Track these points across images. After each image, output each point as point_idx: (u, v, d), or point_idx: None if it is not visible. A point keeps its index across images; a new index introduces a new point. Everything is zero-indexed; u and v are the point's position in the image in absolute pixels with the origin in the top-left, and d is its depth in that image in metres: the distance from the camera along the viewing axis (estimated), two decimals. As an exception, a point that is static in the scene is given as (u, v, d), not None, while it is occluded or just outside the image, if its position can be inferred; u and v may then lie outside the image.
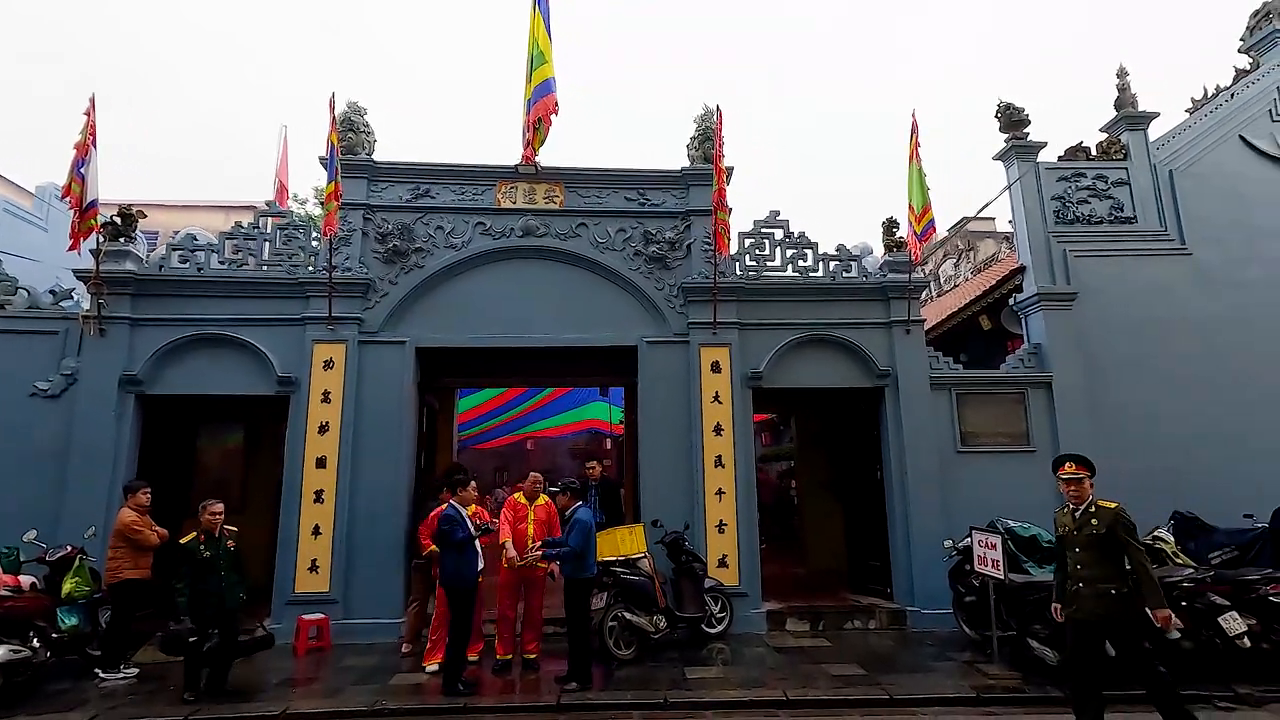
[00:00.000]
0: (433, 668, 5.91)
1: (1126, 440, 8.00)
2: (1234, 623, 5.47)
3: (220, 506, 5.72)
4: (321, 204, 7.36)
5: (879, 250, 8.68)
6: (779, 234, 8.50)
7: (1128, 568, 4.41)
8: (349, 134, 8.13)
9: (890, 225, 8.48)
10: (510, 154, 8.17)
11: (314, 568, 7.23)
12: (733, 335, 8.04)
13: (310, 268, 7.88)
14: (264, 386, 7.61)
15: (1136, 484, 7.70)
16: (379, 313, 7.92)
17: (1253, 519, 6.97)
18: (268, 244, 8.01)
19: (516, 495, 6.45)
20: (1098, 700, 4.42)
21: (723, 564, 7.52)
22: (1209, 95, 9.45)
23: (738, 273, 8.26)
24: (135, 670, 6.01)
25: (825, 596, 8.24)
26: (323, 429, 7.52)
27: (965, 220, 16.89)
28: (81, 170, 7.08)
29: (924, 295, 15.86)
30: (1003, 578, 5.84)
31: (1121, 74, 9.18)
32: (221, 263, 7.89)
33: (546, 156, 8.20)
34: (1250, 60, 9.65)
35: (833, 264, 8.43)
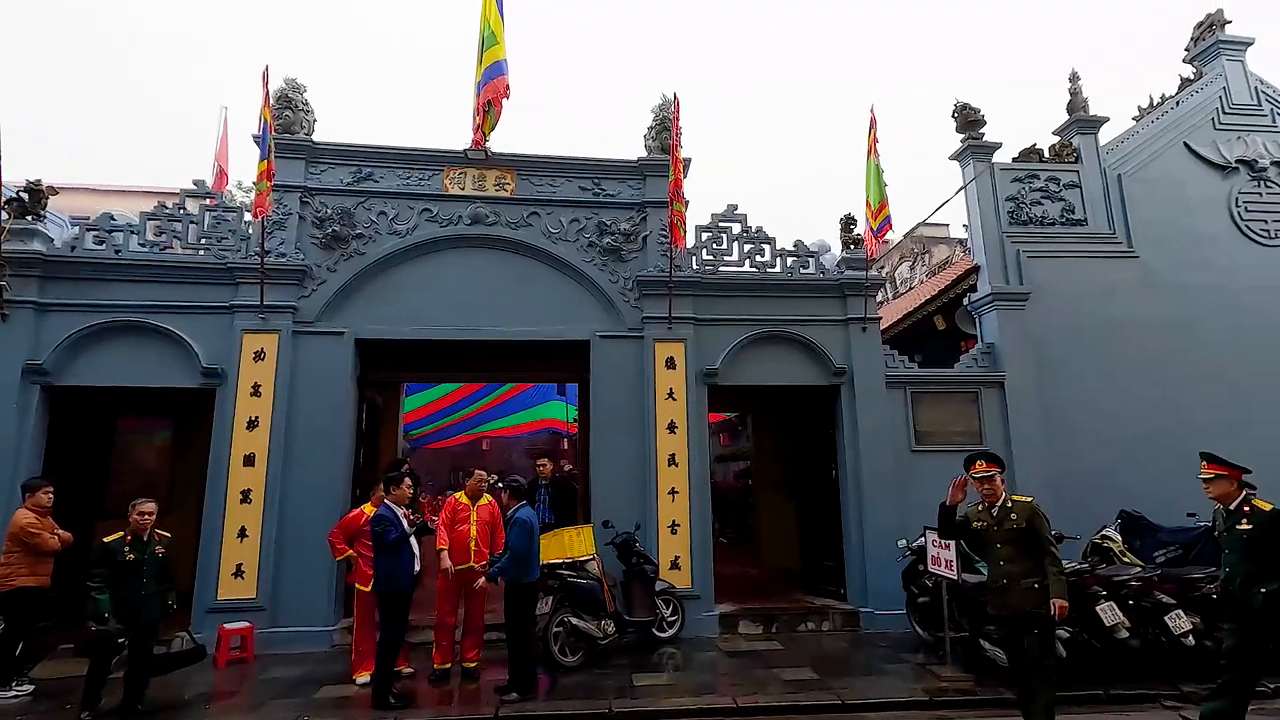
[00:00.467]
0: (363, 679, 5.52)
1: (1076, 439, 8.07)
2: (1180, 621, 5.48)
3: (152, 506, 5.25)
4: (254, 184, 6.85)
5: (838, 248, 8.59)
6: (736, 228, 8.33)
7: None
8: (286, 112, 7.66)
9: (848, 222, 8.40)
10: (466, 141, 7.76)
11: (239, 573, 6.74)
12: (688, 330, 7.83)
13: (241, 253, 7.39)
14: (187, 378, 7.09)
15: (1085, 482, 7.81)
16: (316, 302, 7.46)
17: (1195, 518, 7.06)
18: (194, 226, 7.47)
19: (458, 495, 6.10)
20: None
21: (675, 566, 7.29)
22: (1155, 103, 9.65)
23: (694, 267, 8.06)
24: (30, 688, 5.48)
25: (779, 598, 8.09)
26: (252, 424, 7.04)
27: (920, 224, 17.08)
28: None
29: (881, 297, 16.07)
30: (955, 578, 5.75)
31: (1074, 79, 9.29)
32: (142, 245, 7.33)
33: (499, 142, 7.89)
34: (1194, 70, 9.88)
35: (790, 260, 8.29)
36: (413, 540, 5.36)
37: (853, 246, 8.27)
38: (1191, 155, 9.22)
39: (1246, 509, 4.38)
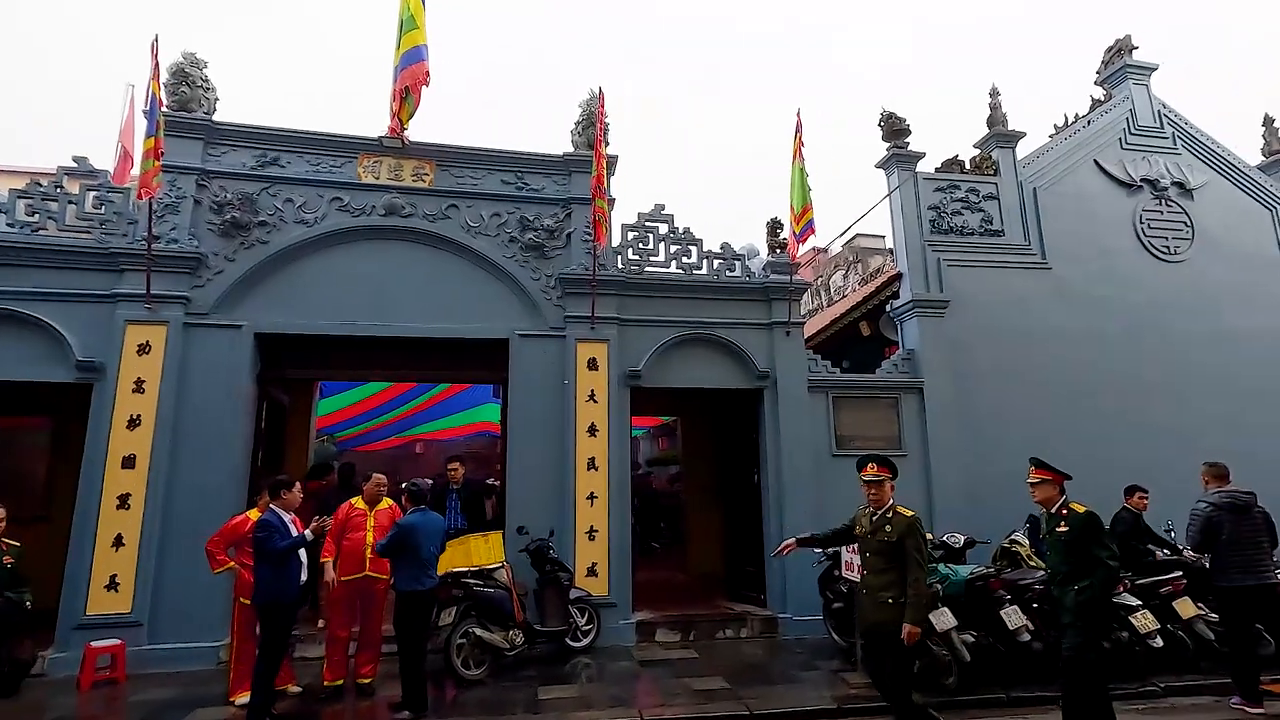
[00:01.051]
0: (242, 700, 5.08)
1: (990, 445, 8.23)
2: (1077, 623, 5.57)
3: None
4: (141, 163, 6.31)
5: (766, 252, 8.57)
6: (663, 228, 8.20)
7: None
8: (183, 88, 7.13)
9: (775, 226, 8.38)
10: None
11: (113, 585, 6.17)
12: (612, 331, 7.64)
13: (128, 237, 6.81)
14: (59, 372, 6.47)
15: (998, 487, 7.94)
16: (211, 292, 6.95)
17: (1098, 521, 7.28)
18: (73, 206, 6.87)
19: (355, 500, 5.74)
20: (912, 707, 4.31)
21: (592, 573, 7.07)
22: (1069, 121, 10.02)
23: (619, 266, 7.89)
24: None
25: (700, 604, 7.97)
26: (133, 423, 6.47)
27: (857, 235, 17.41)
28: None
29: (815, 304, 16.29)
30: (867, 583, 5.71)
31: (994, 94, 9.56)
32: (11, 225, 6.68)
33: (418, 131, 7.55)
34: (1105, 92, 10.32)
35: (717, 262, 8.21)
36: (302, 550, 4.99)
37: (779, 250, 8.26)
38: (1101, 172, 9.61)
39: (1064, 512, 4.55)
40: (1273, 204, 10.11)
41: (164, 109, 6.66)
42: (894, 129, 9.01)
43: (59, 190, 6.87)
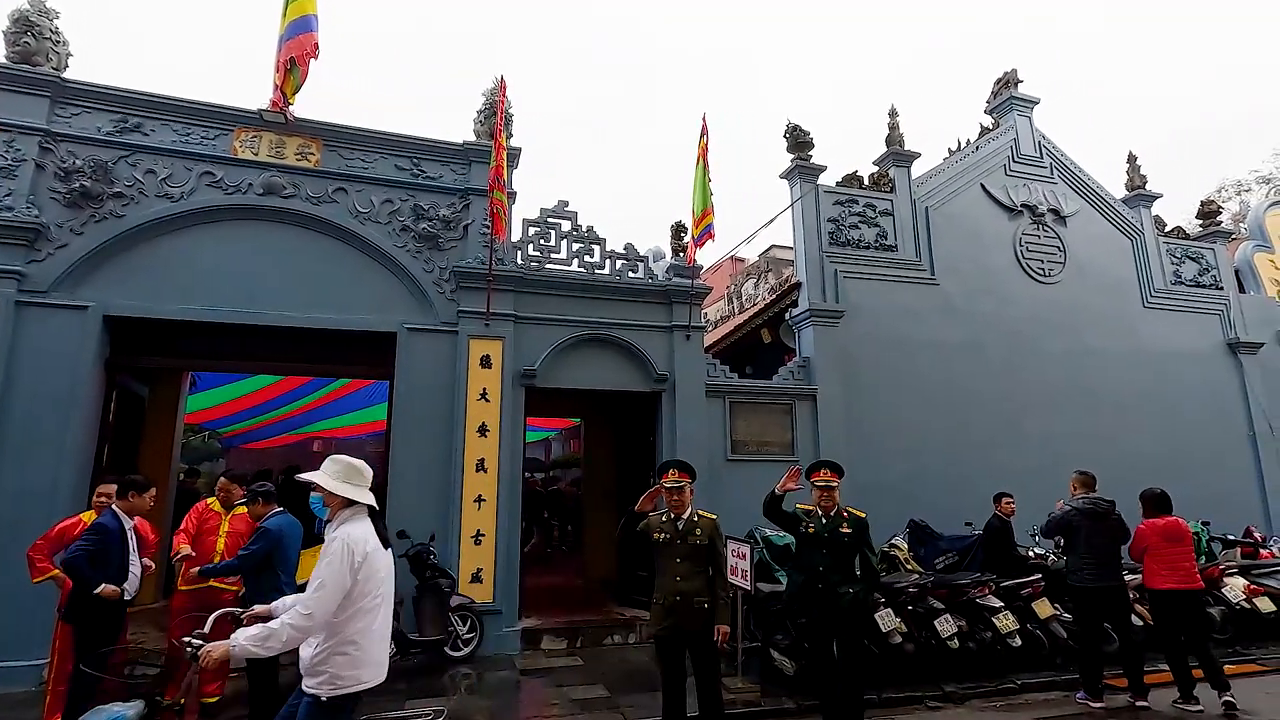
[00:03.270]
0: (58, 726, 4.53)
1: (878, 452, 8.50)
2: (946, 625, 5.80)
3: None
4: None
5: (670, 255, 8.55)
6: (566, 225, 8.02)
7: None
8: (26, 39, 6.40)
9: (679, 229, 8.38)
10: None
11: (-87, 597, 5.40)
12: (507, 328, 7.40)
13: (-49, 202, 6.02)
14: None
15: (885, 493, 8.20)
16: (52, 268, 6.23)
17: (971, 526, 7.66)
18: (-118, 163, 6.00)
19: (210, 501, 5.25)
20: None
21: (477, 579, 6.80)
22: (960, 145, 10.56)
23: (518, 261, 7.65)
24: None
25: (590, 610, 7.82)
26: (-53, 412, 5.70)
27: (763, 241, 17.80)
28: None
29: (728, 311, 16.51)
30: (749, 588, 5.73)
31: (893, 114, 9.94)
32: None
33: (305, 108, 7.07)
34: (992, 120, 10.95)
35: (620, 263, 8.11)
36: (133, 556, 4.49)
37: (681, 254, 8.25)
38: (986, 196, 10.17)
39: (845, 514, 4.80)
40: (1132, 234, 11.01)
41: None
42: (798, 141, 9.21)
43: None
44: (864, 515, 4.85)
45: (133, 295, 6.46)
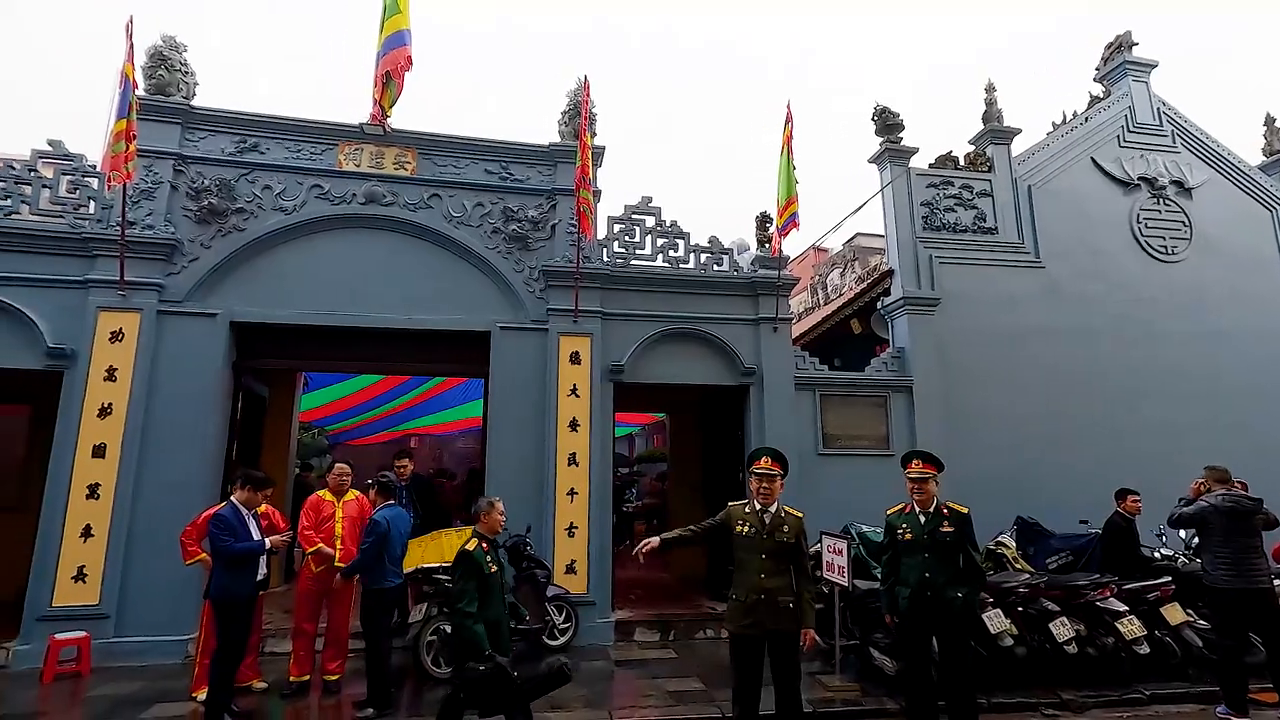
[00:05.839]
0: (203, 696, 4.96)
1: (979, 445, 8.08)
2: (1063, 628, 5.45)
3: None
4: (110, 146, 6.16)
5: (755, 247, 8.43)
6: (650, 221, 8.07)
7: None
8: (161, 72, 7.02)
9: (764, 220, 8.25)
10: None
11: (80, 576, 6.06)
12: (595, 325, 7.52)
13: (102, 223, 6.70)
14: (29, 359, 6.36)
15: (986, 489, 7.74)
16: (186, 280, 6.83)
17: (1087, 524, 7.16)
18: (47, 190, 6.75)
19: (322, 493, 5.62)
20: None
21: (571, 570, 6.96)
22: (1066, 118, 9.86)
23: (604, 259, 7.76)
24: None
25: (681, 604, 7.85)
26: (104, 411, 6.36)
27: (849, 229, 17.26)
28: None
29: (812, 303, 16.13)
30: (847, 584, 5.60)
31: (990, 89, 9.40)
32: (-18, 209, 6.56)
33: (401, 119, 7.41)
34: (1103, 88, 10.16)
35: (704, 256, 8.08)
36: (262, 543, 4.87)
37: (767, 245, 8.13)
38: (1098, 170, 9.45)
39: (946, 510, 4.44)
40: (1273, 204, 9.95)
41: (139, 92, 6.53)
42: (887, 124, 8.87)
43: (32, 174, 6.74)
44: (966, 510, 4.49)
45: (253, 302, 7.00)
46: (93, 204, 6.79)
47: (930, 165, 9.09)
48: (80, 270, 6.56)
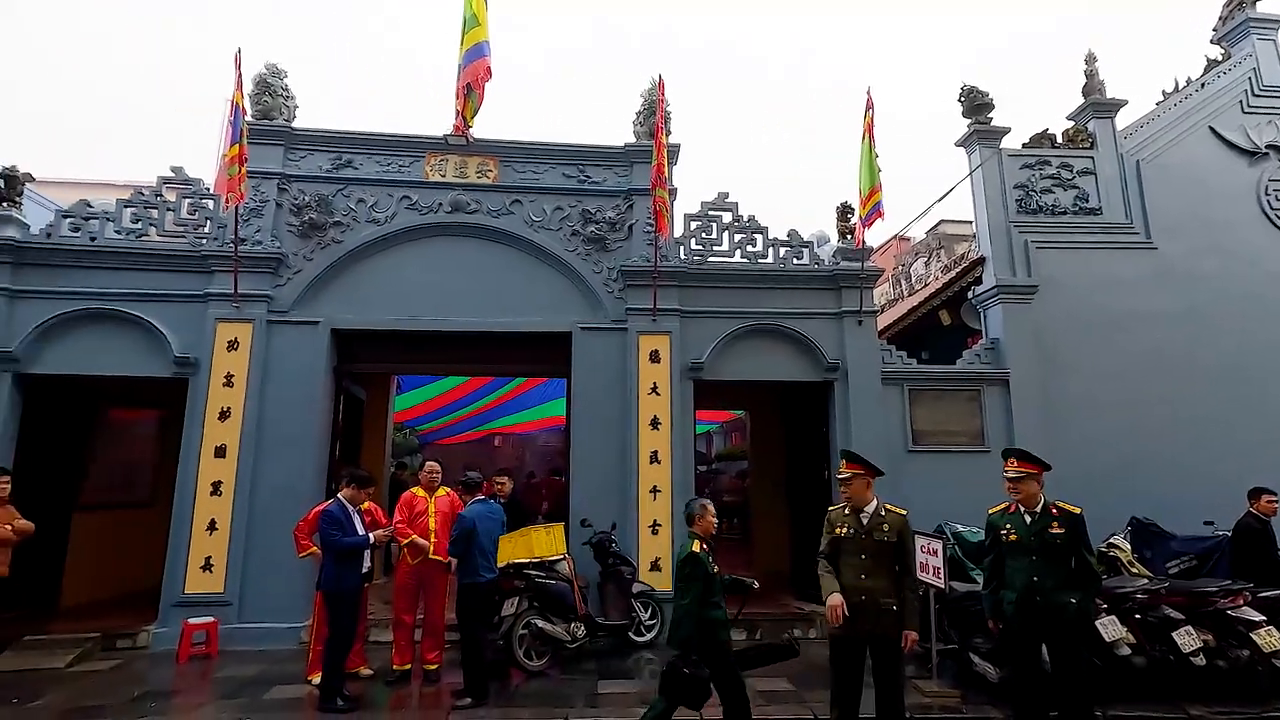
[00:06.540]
0: (317, 680, 5.30)
1: (1084, 440, 7.57)
2: (1188, 638, 5.03)
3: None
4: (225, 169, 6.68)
5: (836, 238, 8.22)
6: (727, 217, 8.00)
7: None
8: (265, 97, 7.52)
9: (845, 210, 8.02)
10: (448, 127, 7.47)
11: (208, 566, 6.61)
12: (674, 323, 7.53)
13: (218, 241, 7.26)
14: (159, 367, 6.98)
15: (1093, 486, 7.25)
16: (291, 291, 7.31)
17: (1213, 526, 6.59)
18: (170, 213, 7.37)
19: (414, 490, 5.89)
20: None
21: (655, 567, 7.00)
22: (1179, 86, 9.09)
23: (681, 257, 7.76)
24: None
25: (766, 602, 7.72)
26: (224, 415, 6.90)
27: (933, 216, 16.53)
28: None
29: (895, 295, 15.56)
30: (943, 586, 5.37)
31: (1090, 60, 8.78)
32: (118, 232, 7.23)
33: (482, 128, 7.65)
34: (1222, 51, 9.30)
35: (783, 250, 7.94)
36: (367, 537, 5.15)
37: (849, 236, 7.90)
38: (1216, 140, 8.66)
39: (1055, 511, 4.13)
40: None
41: (248, 118, 7.04)
42: (975, 104, 8.44)
43: (159, 198, 7.38)
44: (1079, 511, 4.21)
45: (351, 309, 7.41)
46: (209, 223, 7.37)
47: (1024, 145, 8.57)
48: (200, 285, 7.13)
